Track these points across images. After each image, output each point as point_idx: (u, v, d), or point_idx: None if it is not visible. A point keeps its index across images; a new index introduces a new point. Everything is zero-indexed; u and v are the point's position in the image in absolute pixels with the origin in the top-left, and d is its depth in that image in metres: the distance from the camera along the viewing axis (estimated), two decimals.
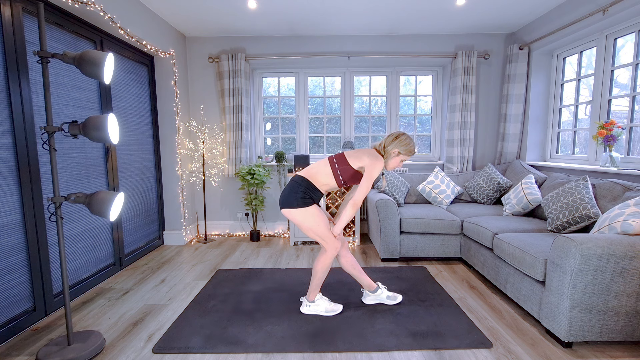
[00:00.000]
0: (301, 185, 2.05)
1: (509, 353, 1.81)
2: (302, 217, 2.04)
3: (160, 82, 3.67)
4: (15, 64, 2.01)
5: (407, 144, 2.07)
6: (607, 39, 2.93)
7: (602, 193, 2.40)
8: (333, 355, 1.80)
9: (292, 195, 2.04)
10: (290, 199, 2.04)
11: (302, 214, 2.03)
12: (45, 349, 1.79)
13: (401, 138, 2.07)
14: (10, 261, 2.00)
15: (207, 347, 1.86)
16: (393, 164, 2.11)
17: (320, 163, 2.12)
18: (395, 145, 2.06)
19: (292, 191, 2.04)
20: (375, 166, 1.99)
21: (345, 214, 2.05)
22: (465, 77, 3.90)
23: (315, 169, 2.10)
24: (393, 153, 2.07)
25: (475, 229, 2.80)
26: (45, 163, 2.24)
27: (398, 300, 2.34)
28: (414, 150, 2.10)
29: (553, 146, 3.72)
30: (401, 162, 2.11)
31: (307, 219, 2.04)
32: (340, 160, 2.06)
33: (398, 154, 2.08)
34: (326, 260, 2.13)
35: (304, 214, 2.03)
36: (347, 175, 2.06)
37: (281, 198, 2.10)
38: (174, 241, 3.87)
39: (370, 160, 2.00)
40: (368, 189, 1.99)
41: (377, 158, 2.02)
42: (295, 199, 2.03)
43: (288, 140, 4.44)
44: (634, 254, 1.71)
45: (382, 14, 3.43)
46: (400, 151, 2.07)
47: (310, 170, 2.10)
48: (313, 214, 2.04)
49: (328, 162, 2.09)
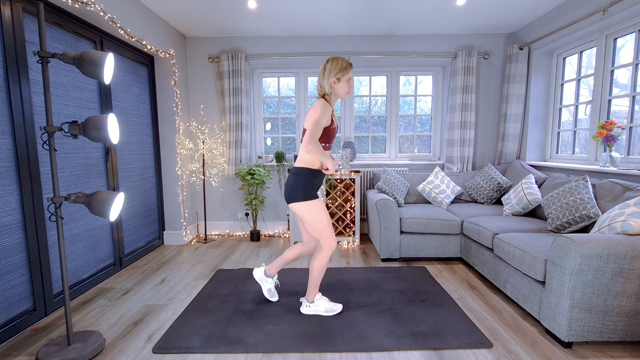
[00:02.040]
0: (302, 174, 2.04)
1: (509, 353, 1.81)
2: (308, 210, 2.05)
3: (160, 82, 3.67)
4: (15, 64, 2.01)
5: (337, 65, 1.96)
6: (607, 39, 2.93)
7: (602, 193, 2.40)
8: (333, 355, 1.80)
9: (297, 189, 2.05)
10: (295, 192, 2.05)
11: (307, 207, 2.05)
12: (45, 349, 1.79)
13: (327, 66, 1.97)
14: (10, 261, 2.00)
15: (207, 347, 1.86)
16: (342, 90, 2.01)
17: (300, 149, 2.09)
18: (327, 76, 1.97)
19: (296, 184, 2.05)
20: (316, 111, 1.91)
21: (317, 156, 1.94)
22: (465, 77, 3.90)
23: (302, 154, 2.07)
24: (333, 83, 1.98)
25: (475, 229, 2.80)
26: (45, 163, 2.24)
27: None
28: (347, 65, 1.97)
29: (553, 146, 3.72)
30: (348, 82, 2.00)
31: (312, 212, 2.06)
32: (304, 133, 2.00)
33: (338, 80, 1.98)
34: (322, 259, 2.14)
35: (310, 207, 2.05)
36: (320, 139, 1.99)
37: (286, 192, 2.10)
38: (174, 241, 3.87)
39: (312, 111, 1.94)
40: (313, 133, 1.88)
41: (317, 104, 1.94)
42: (300, 192, 2.03)
43: (288, 140, 4.44)
44: (634, 254, 1.71)
45: (382, 14, 3.43)
46: (336, 77, 1.97)
47: (300, 158, 2.08)
48: (317, 208, 2.06)
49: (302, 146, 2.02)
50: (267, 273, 2.41)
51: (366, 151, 4.41)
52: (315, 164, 2.08)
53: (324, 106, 1.94)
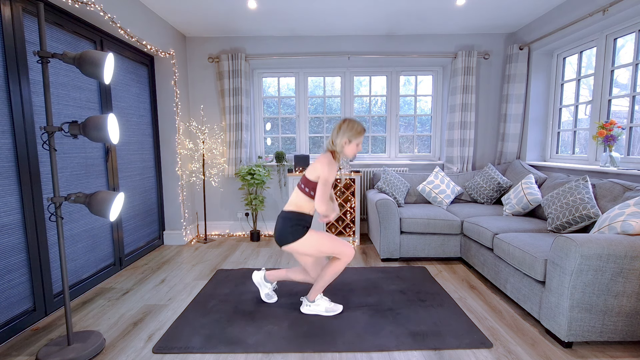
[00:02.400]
0: (290, 219, 2.04)
1: (509, 353, 1.81)
2: (303, 245, 2.04)
3: (160, 82, 3.67)
4: (15, 64, 2.01)
5: (351, 128, 2.00)
6: (607, 39, 2.93)
7: (602, 193, 2.40)
8: (333, 355, 1.80)
9: (285, 230, 2.03)
10: (284, 234, 2.04)
11: (301, 243, 2.04)
12: (45, 349, 1.79)
13: (343, 127, 2.01)
14: (10, 261, 2.00)
15: (207, 347, 1.86)
16: (350, 152, 2.04)
17: (294, 193, 2.11)
18: (341, 136, 2.00)
19: (284, 227, 2.04)
20: (323, 169, 1.94)
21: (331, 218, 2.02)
22: (465, 77, 3.90)
23: (295, 199, 2.08)
24: (344, 143, 2.01)
25: (475, 229, 2.80)
26: (45, 163, 2.24)
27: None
28: (361, 129, 2.02)
29: (553, 146, 3.72)
30: (357, 145, 2.04)
31: (309, 245, 2.05)
32: (305, 182, 2.04)
33: (349, 142, 2.02)
34: (338, 266, 2.12)
35: (303, 242, 2.04)
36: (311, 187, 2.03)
37: (276, 237, 2.09)
38: (174, 241, 3.87)
39: (320, 165, 1.97)
40: (324, 193, 1.93)
41: (325, 161, 1.97)
42: (289, 232, 2.02)
43: (288, 140, 4.44)
44: (634, 254, 1.71)
45: (382, 13, 3.43)
46: (349, 138, 2.00)
47: (292, 202, 2.09)
48: (311, 238, 2.05)
49: (298, 190, 2.08)
50: (267, 278, 2.40)
51: (366, 151, 4.41)
52: (306, 209, 2.07)
53: (332, 164, 1.96)
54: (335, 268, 2.13)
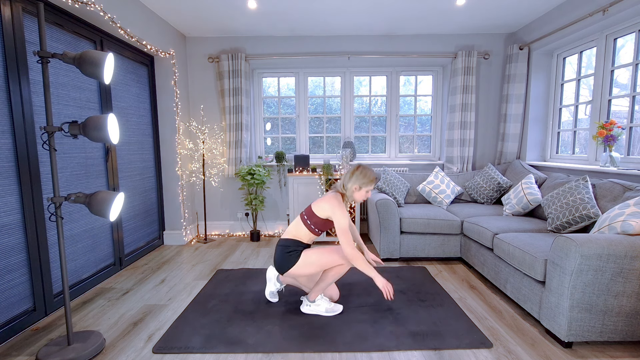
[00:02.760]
0: (288, 246, 2.11)
1: (509, 353, 1.81)
2: (302, 267, 2.08)
3: (160, 82, 3.67)
4: (15, 64, 2.01)
5: (364, 176, 2.05)
6: (607, 39, 2.93)
7: (602, 193, 2.40)
8: (333, 355, 1.80)
9: (284, 258, 2.09)
10: (284, 262, 2.09)
11: (300, 266, 2.08)
12: (45, 349, 1.79)
13: (356, 173, 2.06)
14: (10, 261, 2.00)
15: (207, 347, 1.86)
16: (359, 197, 2.10)
17: (295, 222, 2.17)
18: (353, 182, 2.06)
19: (282, 254, 2.10)
20: (335, 214, 2.00)
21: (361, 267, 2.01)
22: (465, 77, 3.90)
23: (294, 228, 2.15)
24: (354, 189, 2.07)
25: (475, 229, 2.80)
26: (45, 163, 2.24)
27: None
28: (373, 178, 2.07)
29: (553, 146, 3.72)
30: (367, 192, 2.09)
31: (309, 264, 2.08)
32: (310, 214, 2.10)
33: (360, 188, 2.07)
34: (340, 270, 2.12)
35: (303, 263, 2.07)
36: (319, 225, 2.11)
37: (276, 265, 2.14)
38: (174, 241, 3.87)
39: (330, 209, 2.02)
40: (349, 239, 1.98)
41: (336, 204, 2.02)
42: (287, 259, 2.08)
43: (288, 140, 4.44)
44: (634, 254, 1.71)
45: (382, 13, 3.43)
46: (360, 185, 2.06)
47: (291, 231, 2.16)
48: (308, 257, 2.08)
49: (300, 220, 2.14)
50: (279, 278, 2.37)
51: (366, 151, 4.41)
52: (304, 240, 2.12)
53: (342, 207, 2.02)
54: (337, 271, 2.13)
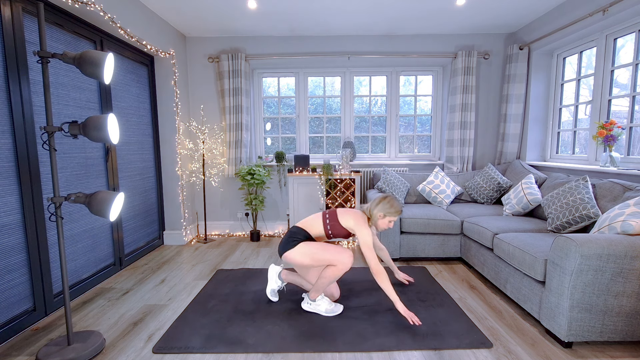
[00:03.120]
0: (295, 233, 2.19)
1: (509, 353, 1.81)
2: (298, 254, 2.12)
3: (160, 82, 3.67)
4: (15, 64, 2.01)
5: (391, 206, 2.13)
6: (607, 39, 2.93)
7: (602, 193, 2.40)
8: (333, 355, 1.80)
9: (287, 242, 2.17)
10: (288, 245, 2.16)
11: (297, 251, 2.12)
12: (45, 349, 1.79)
13: (384, 202, 2.13)
14: (10, 261, 2.00)
15: (207, 347, 1.86)
16: (382, 225, 2.18)
17: (314, 216, 2.26)
18: (380, 209, 2.14)
19: (289, 239, 2.18)
20: (361, 231, 2.08)
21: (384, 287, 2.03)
22: (465, 77, 3.90)
23: (310, 221, 2.23)
24: (379, 216, 2.15)
25: (475, 229, 2.80)
26: (45, 163, 2.24)
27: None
28: (399, 210, 2.15)
29: (553, 146, 3.72)
30: (390, 222, 2.16)
31: (304, 253, 2.12)
32: (332, 217, 2.18)
33: (384, 216, 2.15)
34: (336, 272, 2.12)
35: (298, 251, 2.12)
36: (335, 230, 2.19)
37: (280, 247, 2.21)
38: (174, 241, 3.87)
39: (355, 225, 2.10)
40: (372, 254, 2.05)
41: (362, 223, 2.11)
42: (289, 243, 2.16)
43: (288, 140, 4.44)
44: (634, 254, 1.71)
45: (382, 13, 3.43)
46: (385, 214, 2.14)
47: (306, 222, 2.24)
48: (305, 247, 2.12)
49: (321, 216, 2.21)
50: (281, 276, 2.40)
51: (366, 151, 4.41)
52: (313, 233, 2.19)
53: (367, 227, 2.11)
54: (333, 273, 2.13)
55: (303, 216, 3.73)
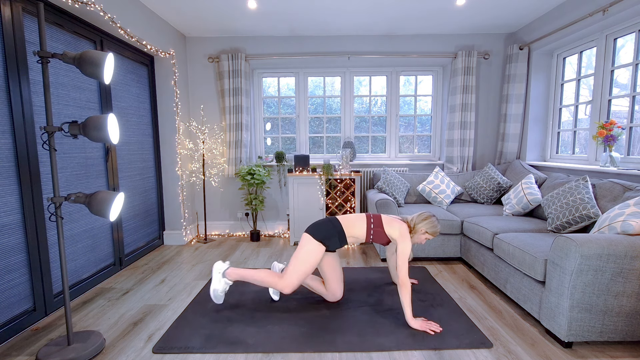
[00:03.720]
0: (335, 228, 2.20)
1: (509, 353, 1.81)
2: (307, 249, 2.15)
3: (160, 82, 3.67)
4: (15, 64, 2.01)
5: (434, 226, 2.23)
6: (607, 39, 2.93)
7: (602, 193, 2.40)
8: (333, 355, 1.80)
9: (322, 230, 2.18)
10: (318, 232, 2.18)
11: (310, 246, 2.15)
12: (45, 349, 1.79)
13: (431, 220, 2.23)
14: (10, 261, 2.00)
15: (207, 347, 1.86)
16: (418, 239, 2.26)
17: (357, 217, 2.28)
18: (425, 225, 2.23)
19: (324, 228, 2.19)
20: (405, 243, 2.13)
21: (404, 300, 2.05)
22: (465, 77, 3.90)
23: (353, 220, 2.26)
24: (420, 231, 2.24)
25: (475, 229, 2.80)
26: (45, 163, 2.24)
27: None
28: (438, 232, 2.27)
29: (553, 146, 3.72)
30: (426, 239, 2.26)
31: (308, 253, 2.15)
32: (377, 222, 2.23)
33: (425, 232, 2.24)
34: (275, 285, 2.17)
35: (311, 247, 2.15)
36: (377, 236, 2.23)
37: (312, 225, 2.23)
38: (174, 241, 3.87)
39: (400, 236, 2.15)
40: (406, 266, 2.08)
41: (406, 235, 2.16)
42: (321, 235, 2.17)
43: (288, 140, 4.44)
44: (634, 254, 1.71)
45: (382, 13, 3.43)
46: (427, 230, 2.23)
47: (348, 220, 2.26)
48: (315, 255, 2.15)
49: (365, 219, 2.25)
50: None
51: (366, 151, 4.41)
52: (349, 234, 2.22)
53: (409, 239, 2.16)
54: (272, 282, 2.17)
55: (303, 216, 3.73)
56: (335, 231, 2.20)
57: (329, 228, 2.20)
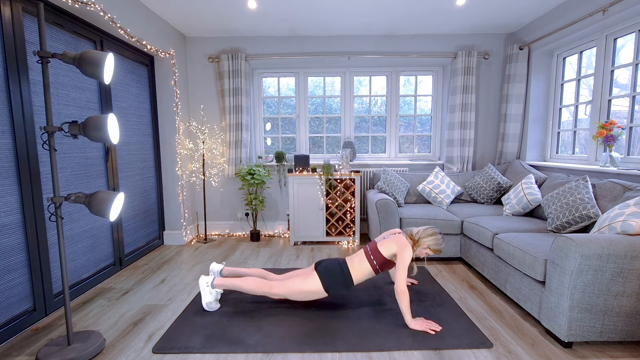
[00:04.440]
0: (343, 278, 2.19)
1: (509, 353, 1.81)
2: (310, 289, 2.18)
3: (160, 82, 3.67)
4: (15, 64, 2.01)
5: (439, 244, 2.24)
6: (607, 39, 2.93)
7: (602, 193, 2.40)
8: (333, 355, 1.80)
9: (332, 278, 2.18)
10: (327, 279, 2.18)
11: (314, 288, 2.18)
12: (45, 349, 1.79)
13: (436, 237, 2.24)
14: (10, 261, 2.00)
15: (207, 347, 1.86)
16: (421, 253, 2.27)
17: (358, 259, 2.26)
18: (429, 241, 2.23)
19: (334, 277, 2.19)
20: (404, 253, 2.13)
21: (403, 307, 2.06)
22: (465, 77, 3.90)
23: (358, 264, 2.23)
24: (424, 245, 2.24)
25: (475, 229, 2.80)
26: (45, 163, 2.24)
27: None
28: (441, 249, 2.26)
29: (553, 146, 3.72)
30: (426, 254, 2.28)
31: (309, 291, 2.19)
32: (375, 253, 2.22)
33: (427, 248, 2.25)
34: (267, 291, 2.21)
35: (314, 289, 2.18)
36: (382, 265, 2.21)
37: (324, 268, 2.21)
38: (174, 241, 3.87)
39: (398, 248, 2.15)
40: (405, 275, 2.09)
41: (405, 245, 2.15)
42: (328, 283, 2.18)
43: (288, 140, 4.44)
44: (634, 254, 1.71)
45: (382, 13, 3.43)
46: (430, 246, 2.24)
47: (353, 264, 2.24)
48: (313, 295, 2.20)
49: (365, 257, 2.24)
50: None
51: (366, 151, 4.41)
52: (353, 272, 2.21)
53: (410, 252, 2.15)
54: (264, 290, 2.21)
55: (303, 216, 3.73)
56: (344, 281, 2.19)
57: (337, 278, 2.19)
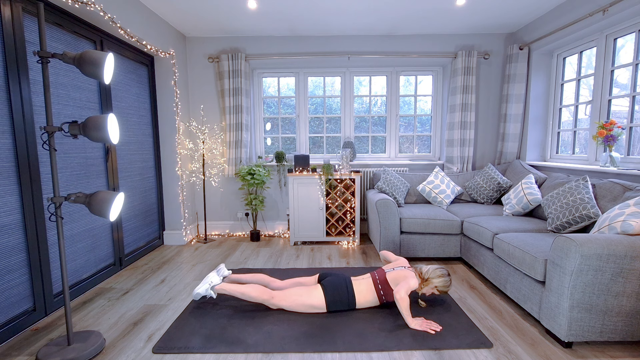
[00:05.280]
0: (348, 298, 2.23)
1: (509, 353, 1.81)
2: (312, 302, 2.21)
3: (160, 82, 3.67)
4: (15, 64, 2.01)
5: (447, 286, 2.26)
6: (607, 39, 2.93)
7: (602, 193, 2.40)
8: (333, 355, 1.80)
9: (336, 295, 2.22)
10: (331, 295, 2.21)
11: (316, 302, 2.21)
12: (45, 349, 1.79)
13: (445, 279, 2.26)
14: (10, 261, 2.00)
15: (207, 347, 1.86)
16: (427, 291, 2.27)
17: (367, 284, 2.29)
18: (438, 282, 2.25)
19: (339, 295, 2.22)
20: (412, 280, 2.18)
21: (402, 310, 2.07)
22: (465, 77, 3.90)
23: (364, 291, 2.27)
24: (432, 284, 2.25)
25: (475, 229, 2.80)
26: (45, 163, 2.24)
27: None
28: (447, 290, 2.28)
29: (553, 146, 3.72)
30: (431, 293, 2.28)
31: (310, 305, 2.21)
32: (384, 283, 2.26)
33: (435, 287, 2.26)
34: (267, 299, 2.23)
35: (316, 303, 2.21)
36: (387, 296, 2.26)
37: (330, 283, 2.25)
38: (174, 241, 3.87)
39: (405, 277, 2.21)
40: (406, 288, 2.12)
41: (413, 276, 2.21)
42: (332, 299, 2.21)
43: (288, 140, 4.44)
44: (634, 254, 1.71)
45: (382, 13, 3.43)
46: (437, 286, 2.25)
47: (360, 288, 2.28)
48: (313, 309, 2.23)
49: (373, 285, 2.28)
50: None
51: (366, 151, 4.41)
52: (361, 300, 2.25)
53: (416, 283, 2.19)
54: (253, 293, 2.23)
55: (303, 216, 3.73)
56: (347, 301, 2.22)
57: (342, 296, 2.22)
